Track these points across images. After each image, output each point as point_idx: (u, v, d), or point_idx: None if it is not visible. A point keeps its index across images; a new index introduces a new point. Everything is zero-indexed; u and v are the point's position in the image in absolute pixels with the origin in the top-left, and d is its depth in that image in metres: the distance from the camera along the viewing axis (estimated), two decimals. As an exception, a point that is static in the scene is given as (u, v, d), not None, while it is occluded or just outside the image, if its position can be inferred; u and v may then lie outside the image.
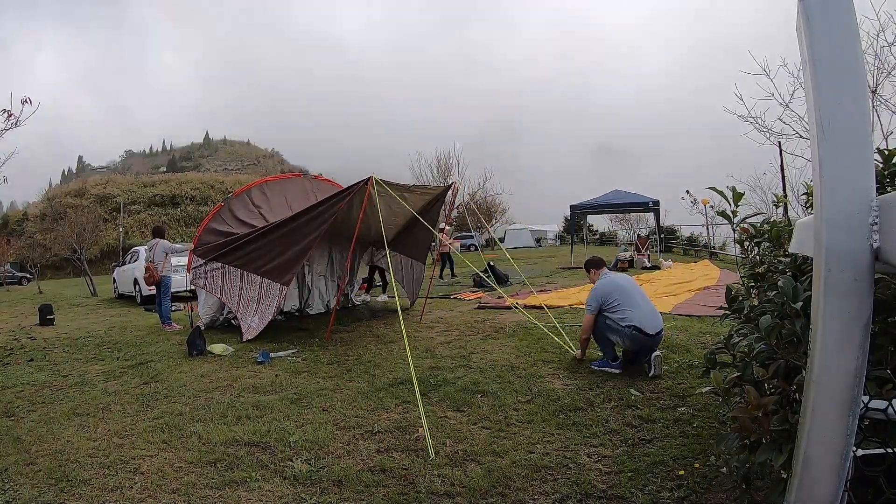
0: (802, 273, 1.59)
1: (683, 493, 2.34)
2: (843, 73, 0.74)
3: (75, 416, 3.84)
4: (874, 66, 5.68)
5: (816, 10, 0.75)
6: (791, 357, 1.33)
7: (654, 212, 17.84)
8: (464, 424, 3.32)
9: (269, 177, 9.20)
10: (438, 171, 27.01)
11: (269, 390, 4.28)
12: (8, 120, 5.66)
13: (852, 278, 0.70)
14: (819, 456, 0.73)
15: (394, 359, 5.10)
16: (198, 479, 2.73)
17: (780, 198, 3.27)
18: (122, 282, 13.72)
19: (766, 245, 2.08)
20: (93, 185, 46.32)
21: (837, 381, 0.71)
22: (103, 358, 5.93)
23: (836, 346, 0.71)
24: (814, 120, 0.75)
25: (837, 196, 0.72)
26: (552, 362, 4.62)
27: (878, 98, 5.71)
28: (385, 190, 5.93)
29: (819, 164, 0.74)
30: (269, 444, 3.12)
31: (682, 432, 3.00)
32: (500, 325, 6.47)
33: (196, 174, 59.08)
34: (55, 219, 21.89)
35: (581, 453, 2.82)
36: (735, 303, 1.83)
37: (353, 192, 5.84)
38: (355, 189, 5.84)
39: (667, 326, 5.74)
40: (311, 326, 7.32)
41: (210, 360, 5.46)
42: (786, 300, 1.29)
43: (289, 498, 2.51)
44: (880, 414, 0.83)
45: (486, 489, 2.48)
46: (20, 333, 8.06)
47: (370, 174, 5.78)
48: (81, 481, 2.75)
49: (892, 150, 1.42)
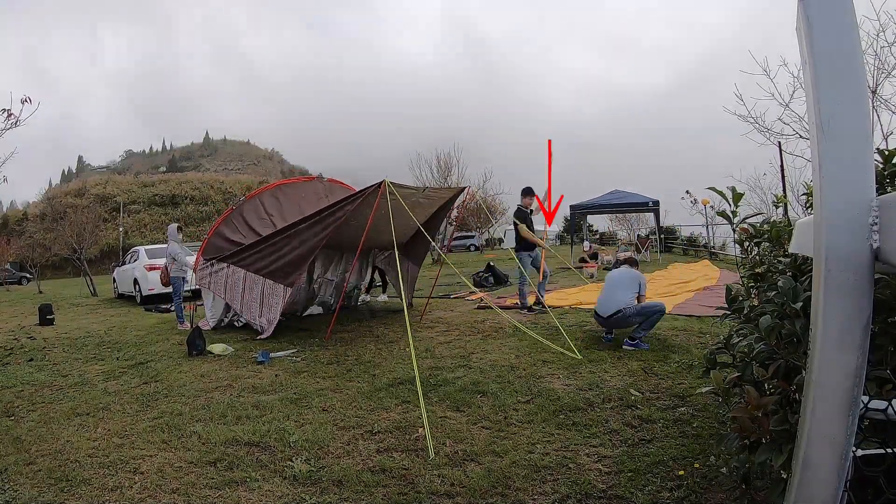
0: (802, 273, 1.59)
1: (683, 493, 2.34)
2: (843, 73, 0.74)
3: (75, 416, 3.84)
4: (874, 66, 5.68)
5: (816, 10, 0.75)
6: (791, 357, 1.33)
7: (653, 212, 17.86)
8: (464, 424, 3.32)
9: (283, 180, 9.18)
10: (438, 170, 26.98)
11: (269, 390, 4.28)
12: (8, 120, 5.66)
13: (852, 278, 0.70)
14: (819, 456, 0.73)
15: (394, 359, 5.10)
16: (198, 479, 2.73)
17: (780, 198, 3.27)
18: (122, 282, 13.72)
19: (766, 245, 2.08)
20: (93, 185, 46.39)
21: (837, 381, 0.71)
22: (103, 358, 5.94)
23: (836, 346, 0.71)
24: (814, 120, 0.75)
25: (837, 196, 0.72)
26: (552, 362, 4.62)
27: (878, 98, 5.71)
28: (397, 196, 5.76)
29: (819, 164, 0.74)
30: (269, 444, 3.12)
31: (682, 432, 3.00)
32: (500, 325, 6.47)
33: (196, 174, 59.21)
34: (55, 219, 21.90)
35: (581, 453, 2.82)
36: (735, 303, 1.82)
37: (363, 197, 5.74)
38: (365, 193, 5.75)
39: (667, 326, 5.76)
40: (311, 326, 7.32)
41: (210, 360, 5.46)
42: (786, 300, 1.29)
43: (289, 498, 2.51)
44: (880, 414, 0.83)
45: (486, 489, 2.48)
46: (20, 333, 8.06)
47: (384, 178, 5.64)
48: (81, 481, 2.75)
49: (892, 150, 1.42)
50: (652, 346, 4.95)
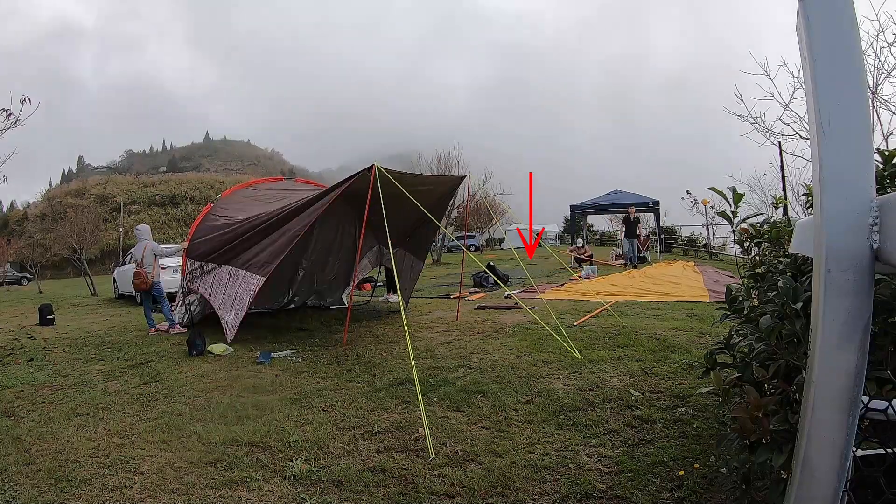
0: (802, 273, 1.59)
1: (683, 493, 2.33)
2: (843, 73, 0.74)
3: (75, 416, 3.84)
4: (874, 66, 5.68)
5: (816, 10, 0.75)
6: (791, 357, 1.33)
7: (654, 212, 17.86)
8: (464, 424, 3.32)
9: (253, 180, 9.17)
10: (439, 170, 26.98)
11: (269, 390, 4.27)
12: (7, 120, 5.66)
13: (852, 279, 0.70)
14: (819, 456, 0.73)
15: (394, 359, 5.10)
16: (198, 479, 2.73)
17: (780, 198, 3.28)
18: (122, 282, 13.70)
19: (766, 245, 2.08)
20: (93, 185, 46.42)
21: (837, 381, 0.71)
22: (103, 358, 5.93)
23: (836, 347, 0.71)
24: (814, 120, 0.75)
25: (837, 196, 0.72)
26: (552, 362, 4.62)
27: (878, 98, 5.71)
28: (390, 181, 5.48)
29: (819, 165, 0.74)
30: (269, 444, 3.12)
31: (682, 433, 2.99)
32: (500, 325, 6.47)
33: (196, 174, 59.21)
34: (55, 219, 21.92)
35: (581, 453, 2.81)
36: (735, 303, 1.82)
37: (351, 183, 5.61)
38: (353, 179, 5.61)
39: (667, 326, 5.76)
40: (311, 327, 7.32)
41: (210, 360, 5.46)
42: (786, 300, 1.29)
43: (289, 498, 2.51)
44: (880, 414, 0.83)
45: (485, 489, 2.48)
46: (20, 333, 8.05)
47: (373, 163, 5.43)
48: (81, 481, 2.75)
49: (892, 150, 1.42)
50: (652, 346, 4.95)
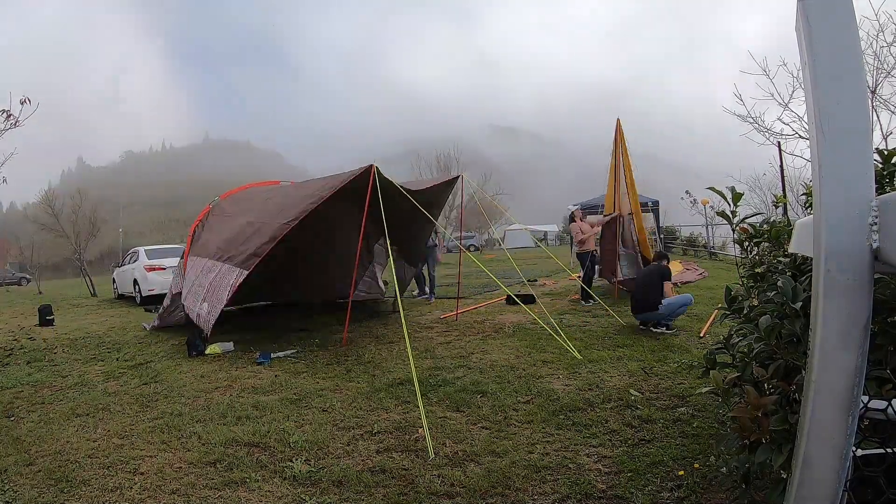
0: (802, 273, 1.59)
1: (683, 493, 2.34)
2: (843, 73, 0.74)
3: (75, 417, 3.84)
4: (874, 66, 5.69)
5: (816, 10, 0.75)
6: (791, 357, 1.33)
7: (653, 212, 17.86)
8: (463, 424, 3.32)
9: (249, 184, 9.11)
10: (438, 171, 27.02)
11: (269, 390, 4.27)
12: (7, 120, 5.66)
13: (851, 278, 0.70)
14: (819, 456, 0.73)
15: (393, 359, 5.10)
16: (197, 479, 2.73)
17: (780, 198, 3.28)
18: (121, 282, 13.71)
19: (765, 245, 2.08)
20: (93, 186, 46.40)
21: (837, 381, 0.71)
22: (103, 358, 5.93)
23: (835, 346, 0.71)
24: (813, 120, 0.75)
25: (837, 196, 0.72)
26: (552, 362, 4.62)
27: (878, 98, 5.71)
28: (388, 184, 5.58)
29: (818, 164, 0.74)
30: (269, 445, 3.12)
31: (682, 432, 3.00)
32: (499, 325, 6.48)
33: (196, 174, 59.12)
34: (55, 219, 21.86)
35: (581, 453, 2.81)
36: (735, 303, 1.82)
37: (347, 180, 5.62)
38: (350, 176, 5.62)
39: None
40: (311, 327, 7.32)
41: (210, 361, 5.46)
42: (785, 300, 1.29)
43: (289, 498, 2.51)
44: (880, 414, 0.83)
45: (485, 489, 2.48)
46: (20, 334, 8.05)
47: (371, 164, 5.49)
48: (81, 481, 2.75)
49: (891, 150, 1.42)
50: (652, 346, 4.95)
